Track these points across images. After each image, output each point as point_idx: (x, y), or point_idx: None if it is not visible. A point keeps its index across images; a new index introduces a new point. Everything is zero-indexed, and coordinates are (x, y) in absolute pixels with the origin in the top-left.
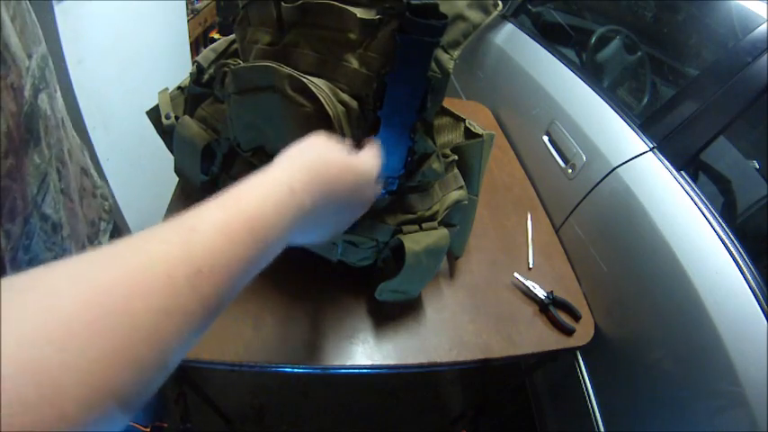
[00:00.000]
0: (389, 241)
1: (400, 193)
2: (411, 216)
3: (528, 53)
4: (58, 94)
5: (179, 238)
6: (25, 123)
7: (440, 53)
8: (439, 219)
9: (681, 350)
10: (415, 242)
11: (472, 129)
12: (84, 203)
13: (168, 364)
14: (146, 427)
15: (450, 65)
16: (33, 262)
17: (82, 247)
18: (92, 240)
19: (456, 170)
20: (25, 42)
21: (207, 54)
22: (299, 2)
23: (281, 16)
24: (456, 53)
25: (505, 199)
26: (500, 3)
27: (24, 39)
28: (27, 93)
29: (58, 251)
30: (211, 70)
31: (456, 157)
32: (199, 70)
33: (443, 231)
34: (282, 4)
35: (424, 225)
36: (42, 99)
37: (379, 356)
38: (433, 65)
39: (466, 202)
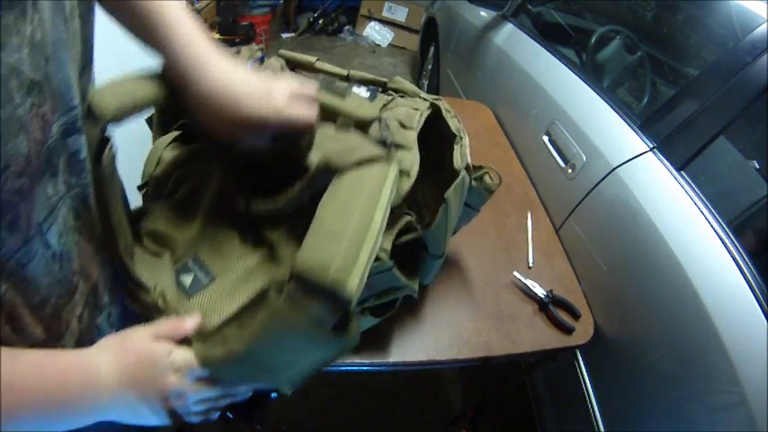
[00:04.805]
0: None
1: None
2: None
3: (528, 53)
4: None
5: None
6: (45, 154)
7: None
8: None
9: (680, 350)
10: None
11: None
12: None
13: None
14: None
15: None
16: (30, 282)
17: (92, 287)
18: (105, 285)
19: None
20: (84, 85)
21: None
22: None
23: None
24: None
25: (506, 198)
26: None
27: (83, 82)
28: (56, 129)
29: (55, 281)
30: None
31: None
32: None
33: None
34: None
35: None
36: (76, 141)
37: (379, 355)
38: None
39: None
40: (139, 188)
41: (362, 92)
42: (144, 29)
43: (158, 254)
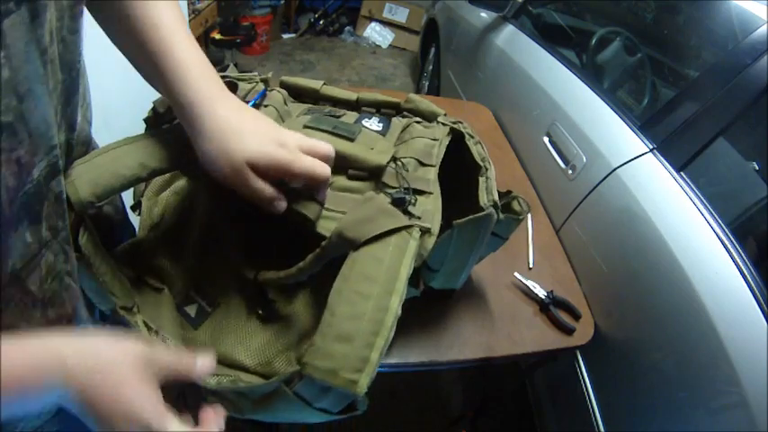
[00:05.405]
0: None
1: None
2: None
3: (528, 54)
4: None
5: None
6: (22, 201)
7: None
8: None
9: (680, 350)
10: None
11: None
12: None
13: None
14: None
15: None
16: (8, 326)
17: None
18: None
19: None
20: (70, 116)
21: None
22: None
23: None
24: None
25: None
26: None
27: (69, 111)
28: (37, 172)
29: (36, 325)
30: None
31: None
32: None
33: None
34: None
35: None
36: (60, 182)
37: None
38: None
39: None
40: (132, 208)
41: (374, 124)
42: (149, 61)
43: (159, 289)
